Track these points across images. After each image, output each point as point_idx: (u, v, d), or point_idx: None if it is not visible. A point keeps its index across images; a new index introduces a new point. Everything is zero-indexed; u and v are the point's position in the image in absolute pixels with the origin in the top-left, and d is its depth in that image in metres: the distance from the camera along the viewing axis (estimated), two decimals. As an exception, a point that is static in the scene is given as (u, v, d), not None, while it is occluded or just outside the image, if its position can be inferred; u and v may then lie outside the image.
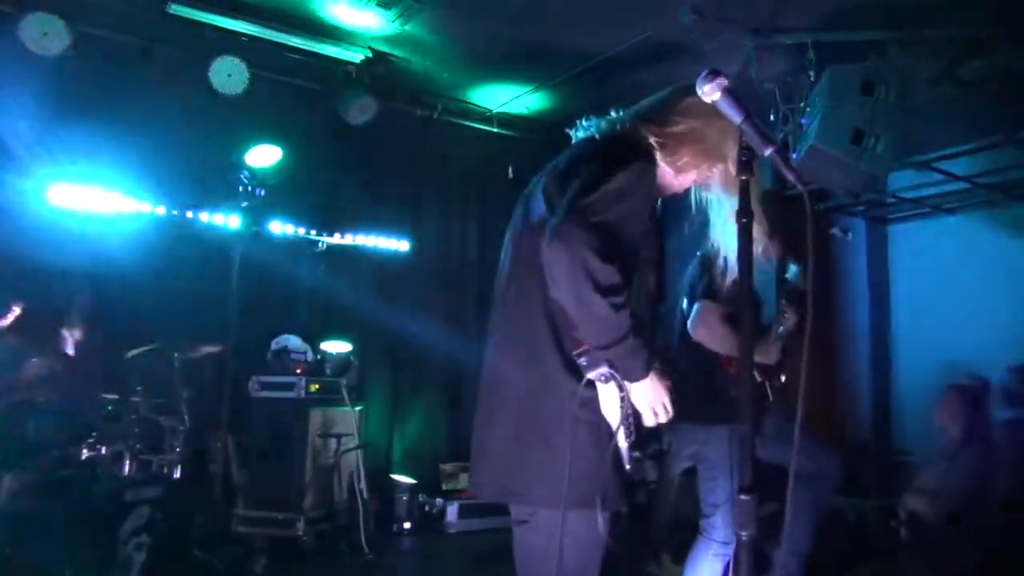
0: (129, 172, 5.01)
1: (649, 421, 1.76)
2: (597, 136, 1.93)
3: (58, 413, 3.88)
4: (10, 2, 4.33)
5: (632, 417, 1.72)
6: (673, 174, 1.92)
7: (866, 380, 6.07)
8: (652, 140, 1.86)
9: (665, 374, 1.76)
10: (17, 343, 3.98)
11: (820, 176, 4.40)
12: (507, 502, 1.86)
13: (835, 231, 5.38)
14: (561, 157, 1.95)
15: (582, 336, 1.67)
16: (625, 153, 1.78)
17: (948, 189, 5.53)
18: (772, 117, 4.70)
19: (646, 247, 1.85)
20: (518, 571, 1.89)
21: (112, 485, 3.62)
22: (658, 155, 1.87)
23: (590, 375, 1.68)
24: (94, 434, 3.87)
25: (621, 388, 1.70)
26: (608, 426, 1.74)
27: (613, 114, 1.98)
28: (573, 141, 2.03)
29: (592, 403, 1.73)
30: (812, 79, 4.43)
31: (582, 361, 1.68)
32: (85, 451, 3.82)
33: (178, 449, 4.24)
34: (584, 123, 2.01)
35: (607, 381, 1.69)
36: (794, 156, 4.42)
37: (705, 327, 2.87)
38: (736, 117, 1.48)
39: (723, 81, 1.46)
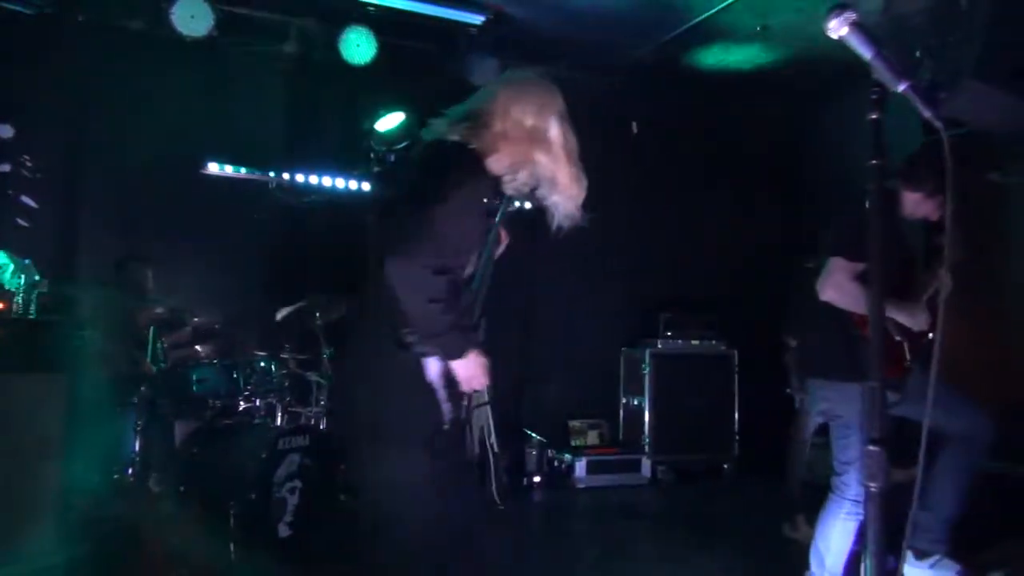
0: (271, 142, 5.33)
1: (465, 388, 2.05)
2: (432, 145, 2.12)
3: (218, 368, 4.23)
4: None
5: (451, 380, 2.02)
6: (507, 170, 2.09)
7: (1038, 335, 5.56)
8: (478, 147, 2.05)
9: (484, 353, 2.04)
10: (179, 303, 4.37)
11: (977, 116, 4.03)
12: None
13: (993, 176, 4.93)
14: (412, 154, 2.16)
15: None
16: (453, 166, 2.00)
17: None
18: (918, 53, 4.33)
19: (486, 247, 2.10)
20: None
21: (267, 434, 3.92)
22: (486, 161, 2.06)
23: (416, 350, 1.98)
24: (249, 387, 4.20)
25: (441, 360, 2.00)
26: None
27: (447, 115, 2.15)
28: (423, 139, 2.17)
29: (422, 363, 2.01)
30: (967, 6, 4.04)
31: (411, 339, 1.97)
32: (242, 403, 4.16)
33: (323, 402, 4.53)
34: (431, 122, 2.16)
35: (429, 356, 2.00)
36: (944, 95, 4.07)
37: (834, 286, 2.75)
38: (866, 52, 1.39)
39: (851, 15, 1.37)
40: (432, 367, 2.00)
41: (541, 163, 2.10)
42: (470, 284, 2.09)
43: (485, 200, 2.04)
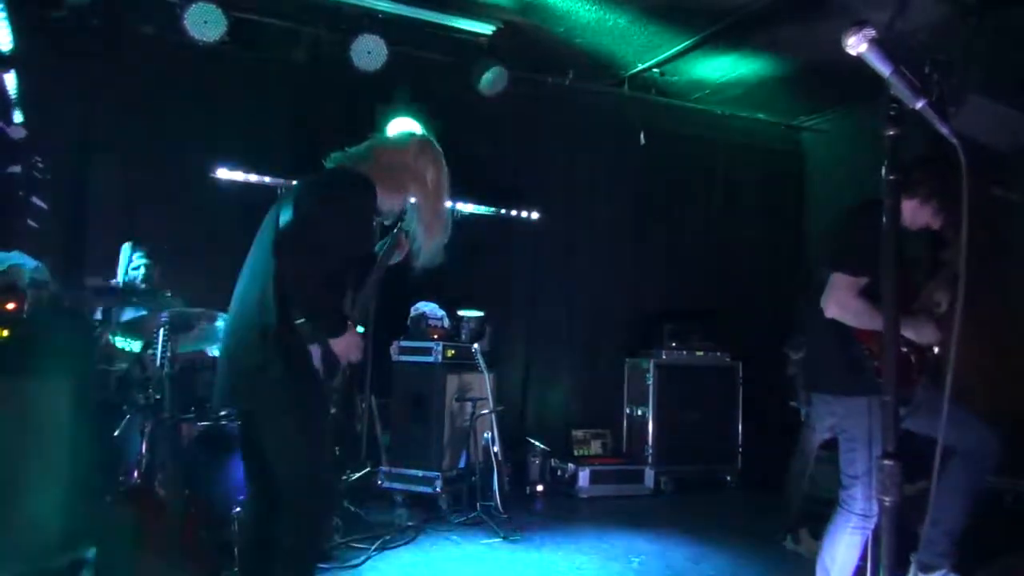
0: (279, 149, 5.35)
1: (344, 361, 2.48)
2: (329, 171, 2.58)
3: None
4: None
5: (329, 358, 2.43)
6: (387, 196, 2.56)
7: (1039, 351, 5.56)
8: (369, 174, 2.48)
9: (356, 333, 2.44)
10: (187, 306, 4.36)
11: (982, 131, 4.07)
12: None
13: (997, 190, 4.96)
14: (311, 182, 2.58)
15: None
16: (344, 189, 2.46)
17: None
18: (926, 69, 4.36)
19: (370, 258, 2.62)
20: None
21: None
22: (377, 185, 2.49)
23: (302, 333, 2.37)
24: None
25: (320, 344, 2.40)
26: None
27: (347, 152, 2.60)
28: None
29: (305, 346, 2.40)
30: (972, 25, 4.08)
31: (302, 327, 2.34)
32: (247, 407, 4.15)
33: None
34: (332, 156, 2.60)
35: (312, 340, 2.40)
36: (952, 110, 4.10)
37: (838, 304, 2.75)
38: (884, 69, 1.40)
39: (869, 32, 1.38)
40: (315, 353, 2.39)
41: (414, 194, 2.64)
42: (357, 285, 2.58)
43: (372, 218, 2.58)
